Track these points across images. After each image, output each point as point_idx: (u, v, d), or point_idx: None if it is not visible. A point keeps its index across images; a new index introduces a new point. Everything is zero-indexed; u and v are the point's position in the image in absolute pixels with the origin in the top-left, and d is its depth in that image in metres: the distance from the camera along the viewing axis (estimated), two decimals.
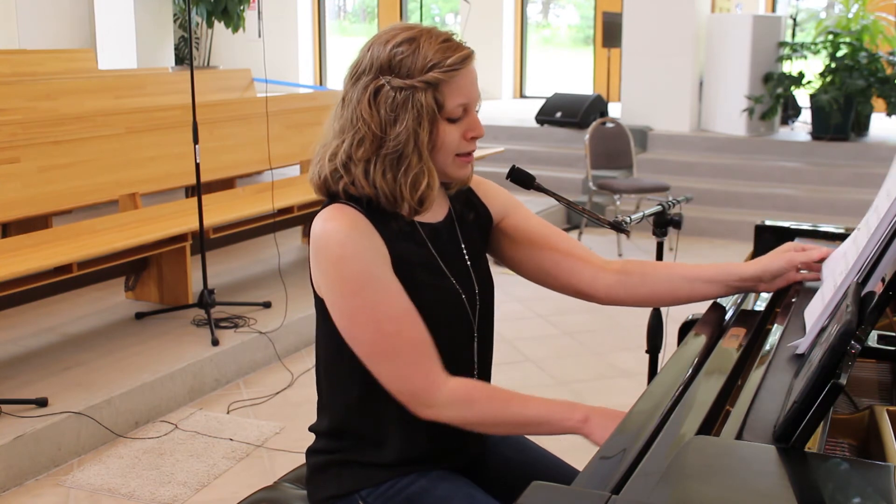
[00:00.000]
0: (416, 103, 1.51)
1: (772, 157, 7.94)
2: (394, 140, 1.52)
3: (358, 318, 1.52)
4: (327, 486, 1.67)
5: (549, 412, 1.53)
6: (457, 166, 1.60)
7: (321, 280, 1.56)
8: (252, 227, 4.94)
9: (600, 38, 10.30)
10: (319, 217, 1.56)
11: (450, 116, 1.55)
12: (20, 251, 3.81)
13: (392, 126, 1.52)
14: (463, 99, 1.55)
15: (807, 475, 1.18)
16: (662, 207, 2.79)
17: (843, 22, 8.24)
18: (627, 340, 4.70)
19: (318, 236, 1.54)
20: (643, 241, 6.70)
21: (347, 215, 1.54)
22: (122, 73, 7.92)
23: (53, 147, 4.46)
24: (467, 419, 1.54)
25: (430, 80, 1.51)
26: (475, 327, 1.69)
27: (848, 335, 1.20)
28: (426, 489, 1.61)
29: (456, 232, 1.70)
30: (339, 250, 1.51)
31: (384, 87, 1.52)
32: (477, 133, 1.59)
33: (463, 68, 1.54)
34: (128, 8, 9.78)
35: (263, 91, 5.88)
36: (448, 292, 1.63)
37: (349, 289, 1.51)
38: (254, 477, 3.20)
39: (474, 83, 1.58)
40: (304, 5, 12.51)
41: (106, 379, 3.64)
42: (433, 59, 1.52)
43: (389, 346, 1.51)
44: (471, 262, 1.70)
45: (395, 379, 1.53)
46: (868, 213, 1.65)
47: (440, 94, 1.53)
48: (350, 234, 1.52)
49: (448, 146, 1.57)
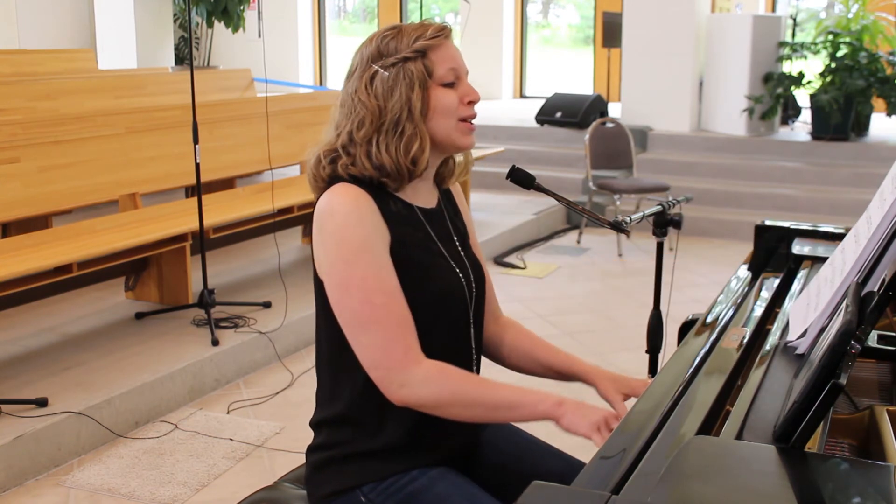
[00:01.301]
0: (408, 72, 1.61)
1: (772, 157, 7.94)
2: (391, 111, 1.60)
3: (350, 285, 1.56)
4: (328, 483, 1.67)
5: (522, 396, 1.58)
6: (460, 132, 1.66)
7: (321, 249, 1.60)
8: (252, 227, 4.94)
9: (600, 38, 10.30)
10: (325, 193, 1.62)
11: (442, 81, 1.63)
12: (20, 251, 3.81)
13: (389, 99, 1.61)
14: (451, 63, 1.64)
15: (807, 475, 1.18)
16: (662, 207, 2.79)
17: (843, 22, 8.24)
18: (627, 340, 4.70)
19: (323, 208, 1.60)
20: (643, 241, 6.70)
21: (353, 192, 1.59)
22: (122, 73, 7.92)
23: (53, 147, 4.46)
24: (440, 399, 1.56)
25: (417, 48, 1.61)
26: (471, 313, 1.72)
27: (848, 335, 1.20)
28: (427, 486, 1.62)
29: (446, 220, 1.76)
30: (343, 219, 1.57)
31: (377, 71, 1.62)
32: (473, 97, 1.66)
33: (444, 37, 1.65)
34: (128, 8, 9.78)
35: (263, 91, 5.89)
36: (447, 272, 1.68)
37: (346, 255, 1.56)
38: (254, 477, 3.20)
39: (458, 54, 1.67)
40: (304, 5, 12.50)
41: (106, 379, 3.64)
42: (415, 34, 1.63)
43: (375, 317, 1.55)
44: (462, 251, 1.75)
45: (373, 350, 1.56)
46: (860, 220, 1.64)
47: (428, 60, 1.62)
48: (355, 206, 1.57)
49: (447, 108, 1.63)
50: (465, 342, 1.72)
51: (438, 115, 1.63)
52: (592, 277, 5.94)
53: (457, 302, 1.68)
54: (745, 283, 2.19)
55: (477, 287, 1.74)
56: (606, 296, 5.55)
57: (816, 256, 2.22)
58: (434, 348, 1.61)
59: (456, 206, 1.82)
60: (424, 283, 1.62)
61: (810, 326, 1.57)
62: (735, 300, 2.02)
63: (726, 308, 1.95)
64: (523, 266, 6.11)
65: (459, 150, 1.71)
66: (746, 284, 2.18)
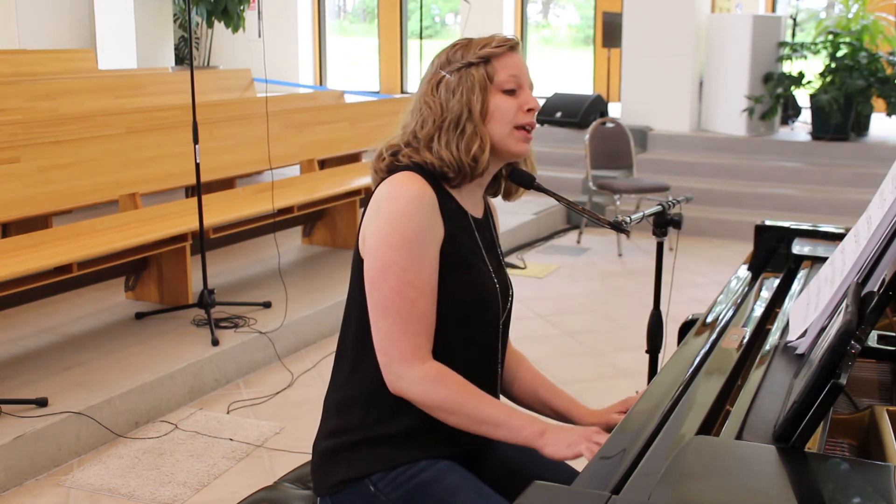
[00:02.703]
0: (469, 77, 1.68)
1: (772, 157, 7.93)
2: (451, 111, 1.67)
3: (389, 271, 1.60)
4: (337, 472, 1.69)
5: (508, 417, 1.61)
6: (515, 139, 1.71)
7: (373, 227, 1.62)
8: (252, 227, 4.94)
9: (600, 38, 10.29)
10: (390, 179, 1.65)
11: (503, 87, 1.69)
12: (20, 251, 3.81)
13: (450, 100, 1.68)
14: (513, 70, 1.69)
15: (807, 475, 1.18)
16: (662, 207, 2.79)
17: (843, 22, 8.24)
18: (627, 340, 4.70)
19: (387, 191, 1.63)
20: (643, 241, 6.69)
21: (419, 181, 1.64)
22: (122, 73, 7.92)
23: (53, 147, 4.46)
24: (431, 400, 1.61)
25: (481, 55, 1.69)
26: (501, 321, 1.77)
27: (848, 335, 1.20)
28: (435, 478, 1.65)
29: (492, 229, 1.82)
30: (404, 206, 1.61)
31: (444, 77, 1.70)
32: (532, 105, 1.71)
33: (510, 48, 1.71)
34: (128, 8, 9.77)
35: (263, 91, 5.89)
36: (488, 278, 1.72)
37: (395, 241, 1.60)
38: (254, 477, 3.20)
39: (523, 64, 1.73)
40: (304, 5, 12.50)
41: (106, 379, 3.64)
42: (483, 43, 1.71)
43: (399, 308, 1.60)
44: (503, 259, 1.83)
45: (386, 337, 1.61)
46: (860, 220, 1.64)
47: (491, 67, 1.68)
48: (417, 197, 1.62)
49: (504, 115, 1.68)
50: (493, 347, 1.77)
51: (496, 119, 1.68)
52: (592, 277, 5.94)
53: (492, 307, 1.73)
54: (745, 283, 2.19)
55: (510, 300, 1.79)
56: (606, 296, 5.55)
57: (816, 256, 2.22)
58: (463, 347, 1.67)
59: (494, 222, 1.87)
60: (467, 282, 1.67)
61: (810, 326, 1.57)
62: (735, 300, 2.02)
63: (726, 308, 1.95)
64: (523, 266, 6.11)
65: (514, 157, 1.75)
66: (746, 284, 2.18)
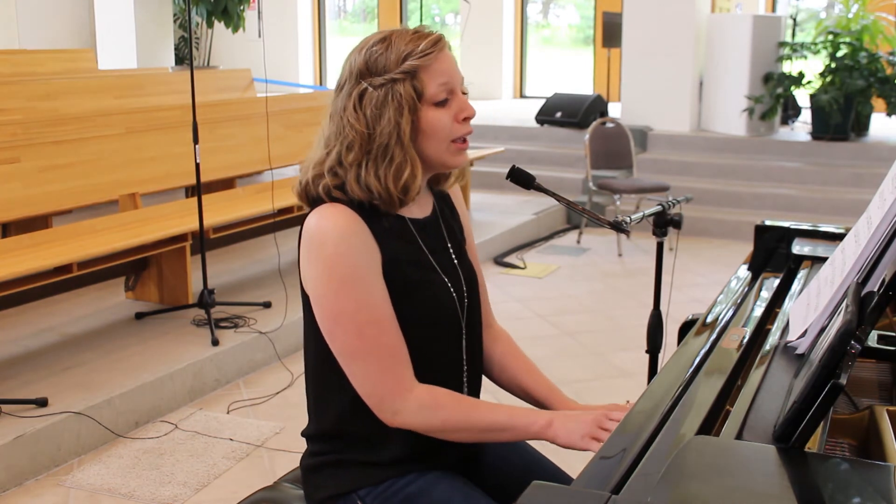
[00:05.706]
0: (396, 95, 1.54)
1: (772, 157, 7.93)
2: (379, 136, 1.54)
3: (341, 318, 1.54)
4: (325, 486, 1.67)
5: (512, 418, 1.57)
6: (452, 153, 1.61)
7: (310, 275, 1.57)
8: (252, 227, 4.94)
9: (600, 38, 10.29)
10: (315, 214, 1.57)
11: (434, 100, 1.57)
12: (20, 251, 3.81)
13: (378, 123, 1.54)
14: (443, 78, 1.57)
15: (807, 475, 1.18)
16: (662, 207, 2.79)
17: (843, 22, 8.24)
18: (627, 340, 4.70)
19: (313, 233, 1.55)
20: (643, 241, 6.69)
21: (343, 214, 1.55)
22: (122, 73, 7.91)
23: (53, 147, 4.46)
24: (433, 425, 1.57)
25: (406, 69, 1.54)
26: (463, 324, 1.70)
27: (848, 335, 1.20)
28: (424, 490, 1.62)
29: (441, 228, 1.72)
30: (333, 248, 1.53)
31: (367, 89, 1.55)
32: (468, 113, 1.60)
33: (436, 51, 1.57)
34: (128, 8, 9.77)
35: (263, 91, 5.89)
36: (438, 286, 1.65)
37: (337, 288, 1.53)
38: (254, 477, 3.20)
39: (453, 65, 1.60)
40: (304, 5, 12.50)
41: (106, 379, 3.64)
42: (405, 50, 1.55)
43: (366, 349, 1.54)
44: (456, 259, 1.72)
45: (365, 381, 1.56)
46: (860, 220, 1.64)
47: (418, 81, 1.55)
48: (345, 233, 1.54)
49: (440, 131, 1.58)
50: (457, 353, 1.70)
51: (429, 136, 1.57)
52: (592, 277, 5.94)
53: (448, 315, 1.66)
54: (745, 283, 2.19)
55: (470, 296, 1.71)
56: (606, 296, 5.55)
57: (816, 256, 2.22)
58: (426, 360, 1.61)
59: (454, 208, 1.79)
60: (415, 299, 1.60)
61: (810, 326, 1.56)
62: (735, 300, 2.01)
63: (726, 308, 1.95)
64: (523, 266, 6.11)
65: (450, 170, 1.67)
66: (746, 284, 2.17)
